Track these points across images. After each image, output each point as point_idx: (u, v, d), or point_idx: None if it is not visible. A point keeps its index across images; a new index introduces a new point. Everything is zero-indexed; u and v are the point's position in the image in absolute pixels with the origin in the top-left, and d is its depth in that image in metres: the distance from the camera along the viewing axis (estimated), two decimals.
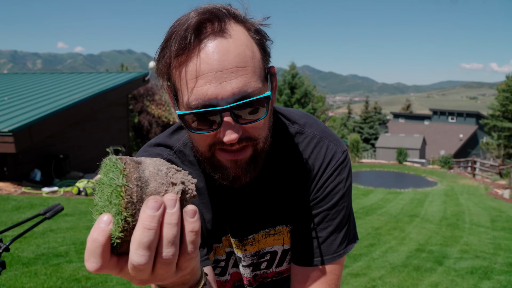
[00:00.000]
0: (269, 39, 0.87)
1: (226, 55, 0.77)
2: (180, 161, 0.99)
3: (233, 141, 0.79)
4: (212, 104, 0.77)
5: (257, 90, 0.79)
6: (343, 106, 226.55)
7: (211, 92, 0.76)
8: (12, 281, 4.04)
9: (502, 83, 33.90)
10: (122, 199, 0.53)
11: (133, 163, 0.56)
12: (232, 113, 0.78)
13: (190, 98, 0.78)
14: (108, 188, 0.55)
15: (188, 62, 0.78)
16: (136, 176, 0.55)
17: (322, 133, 1.03)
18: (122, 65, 40.69)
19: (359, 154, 26.96)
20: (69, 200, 8.26)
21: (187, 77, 0.78)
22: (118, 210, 0.53)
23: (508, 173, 18.75)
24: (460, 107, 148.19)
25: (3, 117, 9.43)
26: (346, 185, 1.02)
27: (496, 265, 5.72)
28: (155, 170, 0.58)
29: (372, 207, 11.08)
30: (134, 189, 0.54)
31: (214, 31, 0.78)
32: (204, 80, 0.77)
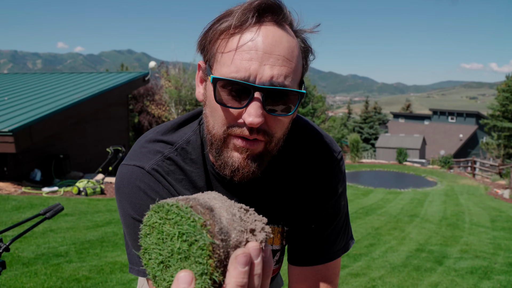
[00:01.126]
0: (313, 53, 0.88)
1: (279, 43, 0.78)
2: (182, 159, 0.96)
3: (255, 125, 0.77)
4: (249, 81, 0.77)
5: (293, 87, 0.80)
6: (343, 106, 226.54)
7: (253, 68, 0.76)
8: (12, 281, 4.04)
9: (502, 83, 33.92)
10: (210, 259, 0.49)
11: (207, 211, 0.52)
12: (264, 96, 0.77)
13: (232, 68, 0.78)
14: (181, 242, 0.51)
15: (242, 36, 0.78)
16: (218, 229, 0.51)
17: (316, 135, 1.03)
18: (122, 65, 40.70)
19: (359, 154, 26.94)
20: (69, 200, 8.26)
21: (234, 48, 0.78)
22: (206, 270, 0.49)
23: (508, 173, 18.75)
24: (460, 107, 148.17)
25: (3, 117, 9.42)
26: (342, 186, 1.03)
27: (496, 265, 5.72)
28: (229, 216, 0.53)
29: (372, 207, 11.08)
30: (220, 245, 0.50)
31: (274, 19, 0.80)
32: (249, 56, 0.77)
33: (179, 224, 0.51)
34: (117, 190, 0.94)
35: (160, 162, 0.94)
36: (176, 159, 0.95)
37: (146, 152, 0.96)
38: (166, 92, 20.47)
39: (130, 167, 0.94)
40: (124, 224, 0.94)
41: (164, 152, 0.95)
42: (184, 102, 20.30)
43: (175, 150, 0.96)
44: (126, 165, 0.96)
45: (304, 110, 31.67)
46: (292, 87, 0.79)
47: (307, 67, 0.88)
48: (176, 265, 0.52)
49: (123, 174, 0.94)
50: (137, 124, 21.86)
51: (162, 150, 0.96)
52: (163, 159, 0.94)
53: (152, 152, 0.95)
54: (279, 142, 0.87)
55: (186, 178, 0.95)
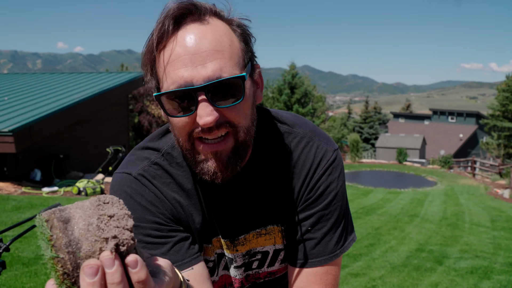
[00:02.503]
0: (252, 36, 0.88)
1: (202, 39, 0.79)
2: (168, 163, 0.98)
3: (209, 124, 0.78)
4: (188, 86, 0.78)
5: (233, 74, 0.80)
6: (343, 106, 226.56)
7: (187, 75, 0.77)
8: (12, 281, 4.04)
9: (502, 83, 33.93)
10: (56, 272, 0.51)
11: (60, 223, 0.52)
12: (207, 94, 0.78)
13: (168, 82, 0.79)
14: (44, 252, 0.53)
15: (166, 48, 0.80)
16: (66, 242, 0.51)
17: (311, 133, 1.02)
18: (122, 65, 40.70)
19: (359, 154, 26.94)
20: (69, 200, 8.26)
21: (165, 62, 0.80)
22: (59, 281, 0.52)
23: (508, 173, 18.76)
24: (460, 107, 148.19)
25: (3, 117, 9.43)
26: (338, 185, 1.01)
27: (496, 265, 5.72)
28: (85, 226, 0.53)
29: (372, 207, 11.08)
30: (66, 258, 0.51)
31: (193, 19, 0.81)
32: (180, 63, 0.78)
33: (40, 237, 0.54)
34: None
35: (147, 167, 0.98)
36: (163, 164, 0.98)
37: (134, 160, 1.00)
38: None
39: (120, 174, 1.00)
40: None
41: (150, 158, 0.99)
42: None
43: (162, 155, 0.99)
44: (117, 173, 1.01)
45: (304, 110, 31.66)
46: (232, 73, 0.80)
47: (250, 49, 0.88)
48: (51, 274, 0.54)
49: (114, 182, 1.00)
50: (137, 124, 21.86)
51: (149, 156, 1.00)
52: (150, 164, 0.98)
53: (140, 159, 1.00)
54: (249, 131, 0.87)
55: (174, 181, 0.98)
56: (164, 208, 0.95)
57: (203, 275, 0.95)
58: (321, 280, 1.01)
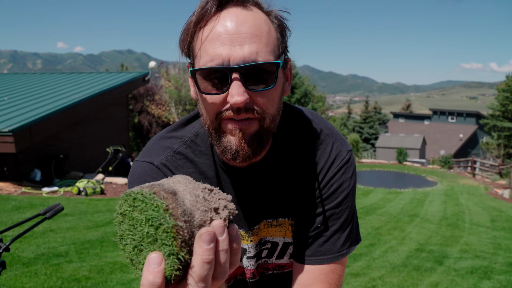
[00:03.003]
0: (288, 29, 0.91)
1: (243, 22, 0.81)
2: (191, 151, 0.99)
3: (239, 104, 0.80)
4: (224, 65, 0.80)
5: (268, 60, 0.82)
6: (343, 106, 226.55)
7: (225, 53, 0.79)
8: (12, 281, 4.04)
9: (502, 83, 33.91)
10: (174, 240, 0.52)
11: (170, 195, 0.54)
12: (241, 74, 0.80)
13: (206, 59, 0.81)
14: (149, 226, 0.53)
15: (207, 26, 0.82)
16: (181, 211, 0.53)
17: (328, 131, 1.03)
18: (122, 65, 40.70)
19: (359, 154, 26.95)
20: (69, 200, 8.26)
21: (203, 39, 0.82)
22: (173, 251, 0.52)
23: (508, 173, 18.75)
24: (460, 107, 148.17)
25: (3, 117, 9.42)
26: (350, 185, 1.02)
27: (496, 265, 5.72)
28: (193, 198, 0.56)
29: (372, 207, 11.08)
30: (184, 227, 0.53)
31: (236, 4, 0.84)
32: (220, 42, 0.80)
33: (144, 210, 0.54)
34: (128, 185, 0.99)
35: (170, 157, 0.98)
36: (186, 152, 0.99)
37: (156, 149, 1.00)
38: (166, 92, 20.48)
39: (141, 163, 0.99)
40: None
41: (173, 147, 1.00)
42: (184, 102, 20.30)
43: (184, 143, 1.00)
44: (138, 161, 1.01)
45: None
46: (267, 59, 0.82)
47: (285, 41, 0.90)
48: (147, 248, 0.55)
49: (134, 170, 1.00)
50: (137, 124, 21.86)
51: (171, 145, 1.00)
52: (173, 153, 0.99)
53: (162, 148, 1.00)
54: (274, 119, 0.88)
55: (197, 170, 0.99)
56: None
57: None
58: (326, 279, 1.01)
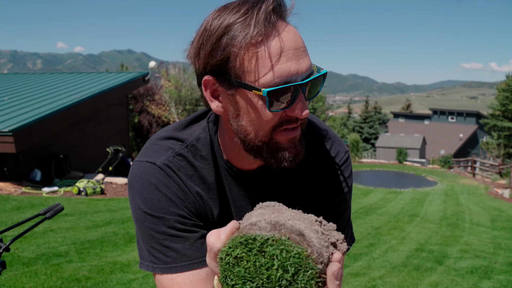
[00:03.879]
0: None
1: (297, 36, 0.82)
2: (192, 155, 0.98)
3: (307, 115, 0.82)
4: (292, 80, 0.79)
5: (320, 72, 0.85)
6: (343, 105, 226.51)
7: (293, 68, 0.79)
8: (12, 281, 4.04)
9: (502, 83, 33.90)
10: (316, 284, 0.54)
11: (301, 238, 0.55)
12: (306, 88, 0.81)
13: (273, 75, 0.78)
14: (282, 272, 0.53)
15: (269, 42, 0.79)
16: (316, 254, 0.55)
17: (325, 132, 1.05)
18: (122, 65, 40.67)
19: (359, 153, 26.94)
20: (69, 200, 8.26)
21: (269, 56, 0.78)
22: None
23: (508, 173, 18.75)
24: (460, 107, 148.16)
25: (3, 117, 9.42)
26: (348, 185, 1.04)
27: (496, 265, 5.72)
28: (315, 235, 0.58)
29: (372, 206, 11.08)
30: (322, 269, 0.55)
31: (281, 16, 0.83)
32: (286, 57, 0.79)
33: (280, 257, 0.53)
34: (129, 186, 0.98)
35: (171, 158, 0.97)
36: (187, 155, 0.98)
37: (157, 149, 0.98)
38: (166, 92, 20.47)
39: (142, 163, 0.97)
40: (135, 219, 0.96)
41: (175, 148, 0.98)
42: (184, 102, 20.29)
43: (186, 147, 0.98)
44: (138, 161, 0.99)
45: None
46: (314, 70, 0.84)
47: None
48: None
49: (136, 170, 0.97)
50: (137, 124, 21.85)
51: (173, 146, 0.98)
52: (174, 155, 0.97)
53: (163, 148, 0.98)
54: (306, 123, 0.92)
55: (196, 174, 0.98)
56: (188, 202, 0.95)
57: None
58: None
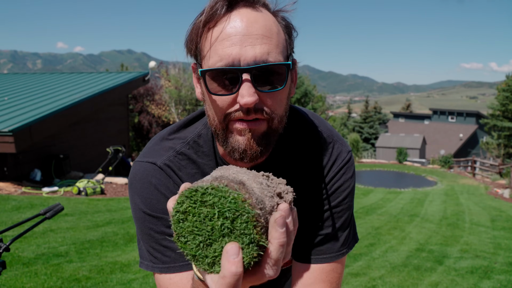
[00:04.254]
0: (295, 30, 0.90)
1: (254, 23, 0.81)
2: (194, 152, 0.98)
3: (249, 105, 0.79)
4: (234, 66, 0.79)
5: (278, 61, 0.81)
6: (343, 105, 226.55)
7: (235, 53, 0.78)
8: (12, 281, 4.04)
9: (502, 83, 33.89)
10: (255, 228, 0.54)
11: (241, 186, 0.56)
12: (252, 75, 0.79)
13: (215, 59, 0.80)
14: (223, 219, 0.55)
15: (216, 26, 0.81)
16: (255, 200, 0.55)
17: (329, 132, 1.04)
18: (122, 65, 40.66)
19: (359, 153, 26.94)
20: (69, 200, 8.26)
21: (212, 39, 0.81)
22: (253, 239, 0.54)
23: (508, 173, 18.75)
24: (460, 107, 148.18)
25: (3, 117, 9.42)
26: (351, 185, 1.04)
27: (496, 265, 5.72)
28: (258, 185, 0.59)
29: (372, 206, 11.08)
30: (261, 214, 0.55)
31: (246, 4, 0.83)
32: (230, 42, 0.79)
33: (218, 204, 0.55)
34: (129, 186, 0.98)
35: (172, 157, 0.97)
36: (189, 153, 0.98)
37: (159, 149, 0.99)
38: (166, 92, 20.47)
39: (143, 163, 0.98)
40: (135, 218, 0.97)
41: (176, 147, 0.99)
42: (184, 102, 20.30)
43: (187, 143, 0.99)
44: (139, 162, 0.99)
45: None
46: (277, 60, 0.81)
47: (292, 43, 0.89)
48: (219, 241, 0.56)
49: (136, 171, 0.98)
50: (137, 124, 21.85)
51: (174, 146, 0.99)
52: (175, 154, 0.98)
53: (164, 148, 0.99)
54: (282, 119, 0.88)
55: (199, 171, 0.98)
56: None
57: None
58: (327, 278, 1.01)
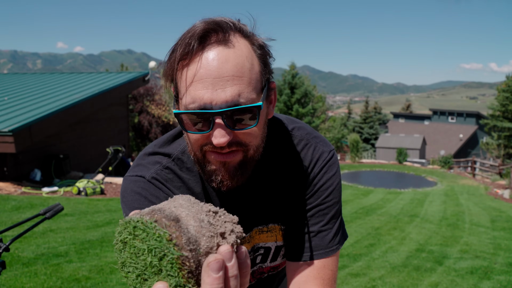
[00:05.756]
0: (272, 56, 0.92)
1: (225, 64, 0.81)
2: (178, 168, 1.02)
3: (221, 145, 0.83)
4: (206, 108, 0.81)
5: (250, 100, 0.83)
6: (343, 106, 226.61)
7: (206, 97, 0.81)
8: (12, 281, 4.04)
9: (502, 83, 33.90)
10: (180, 271, 0.50)
11: (173, 223, 0.52)
12: (224, 118, 0.82)
13: (188, 100, 0.83)
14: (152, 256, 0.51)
15: (190, 66, 0.83)
16: (186, 240, 0.51)
17: (309, 136, 1.08)
18: (122, 65, 40.66)
19: (359, 154, 26.93)
20: (69, 200, 8.26)
21: (187, 80, 0.83)
22: (179, 282, 0.50)
23: (508, 173, 18.75)
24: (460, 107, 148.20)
25: (3, 117, 9.42)
26: (335, 182, 1.06)
27: (496, 265, 5.72)
28: (197, 223, 0.54)
29: (372, 207, 11.08)
30: (189, 256, 0.51)
31: (218, 41, 0.83)
32: (202, 85, 0.81)
33: (146, 240, 0.52)
34: (121, 200, 1.02)
35: (159, 171, 1.02)
36: (174, 168, 1.03)
37: (146, 164, 1.04)
38: (166, 92, 20.47)
39: (132, 177, 1.02)
40: None
41: (162, 162, 1.03)
42: None
43: (172, 160, 1.03)
44: (128, 176, 1.04)
45: (304, 110, 31.65)
46: (249, 99, 0.83)
47: (268, 70, 0.90)
48: (152, 278, 0.53)
49: (126, 185, 1.02)
50: (137, 124, 21.85)
51: (160, 161, 1.04)
52: (162, 168, 1.02)
53: (151, 163, 1.03)
54: (258, 149, 0.91)
55: (184, 185, 1.03)
56: None
57: None
58: (319, 275, 1.03)
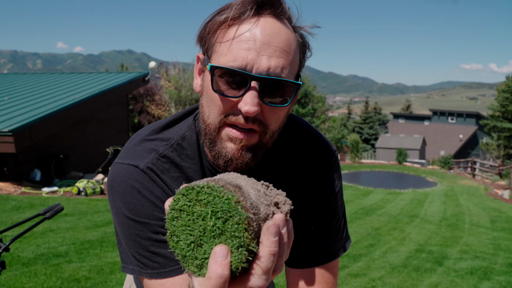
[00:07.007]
0: (310, 50, 0.89)
1: (277, 34, 0.79)
2: (177, 155, 0.94)
3: (250, 114, 0.77)
4: (247, 70, 0.77)
5: (290, 79, 0.81)
6: (343, 106, 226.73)
7: (250, 58, 0.77)
8: (12, 281, 4.04)
9: (501, 84, 33.92)
10: (246, 232, 0.53)
11: (237, 189, 0.55)
12: (260, 85, 0.78)
13: (229, 57, 0.78)
14: (215, 219, 0.54)
15: (240, 26, 0.79)
16: (250, 205, 0.55)
17: (312, 136, 1.04)
18: (122, 65, 40.67)
19: (359, 154, 26.93)
20: (69, 200, 8.26)
21: (234, 38, 0.79)
22: (243, 243, 0.53)
23: (508, 174, 18.75)
24: (460, 108, 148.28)
25: (3, 117, 9.42)
26: (338, 185, 1.04)
27: (496, 266, 5.72)
28: (256, 192, 0.58)
29: (372, 207, 11.08)
30: (253, 219, 0.54)
31: (272, 13, 0.81)
32: (247, 46, 0.78)
33: (212, 203, 0.55)
34: (109, 189, 0.93)
35: (155, 160, 0.93)
36: (172, 156, 0.94)
37: (140, 151, 0.94)
38: (166, 92, 20.50)
39: (124, 165, 0.93)
40: (118, 223, 0.93)
41: (158, 150, 0.94)
42: (184, 102, 20.31)
43: (170, 146, 0.95)
44: (119, 163, 0.94)
45: (304, 111, 31.65)
46: (288, 77, 0.80)
47: (304, 62, 0.88)
48: (210, 242, 0.55)
49: (117, 173, 0.93)
50: (137, 124, 21.87)
51: (156, 148, 0.94)
52: (158, 157, 0.93)
53: (146, 150, 0.94)
54: (273, 135, 0.87)
55: (182, 175, 0.94)
56: None
57: None
58: (323, 279, 1.01)
